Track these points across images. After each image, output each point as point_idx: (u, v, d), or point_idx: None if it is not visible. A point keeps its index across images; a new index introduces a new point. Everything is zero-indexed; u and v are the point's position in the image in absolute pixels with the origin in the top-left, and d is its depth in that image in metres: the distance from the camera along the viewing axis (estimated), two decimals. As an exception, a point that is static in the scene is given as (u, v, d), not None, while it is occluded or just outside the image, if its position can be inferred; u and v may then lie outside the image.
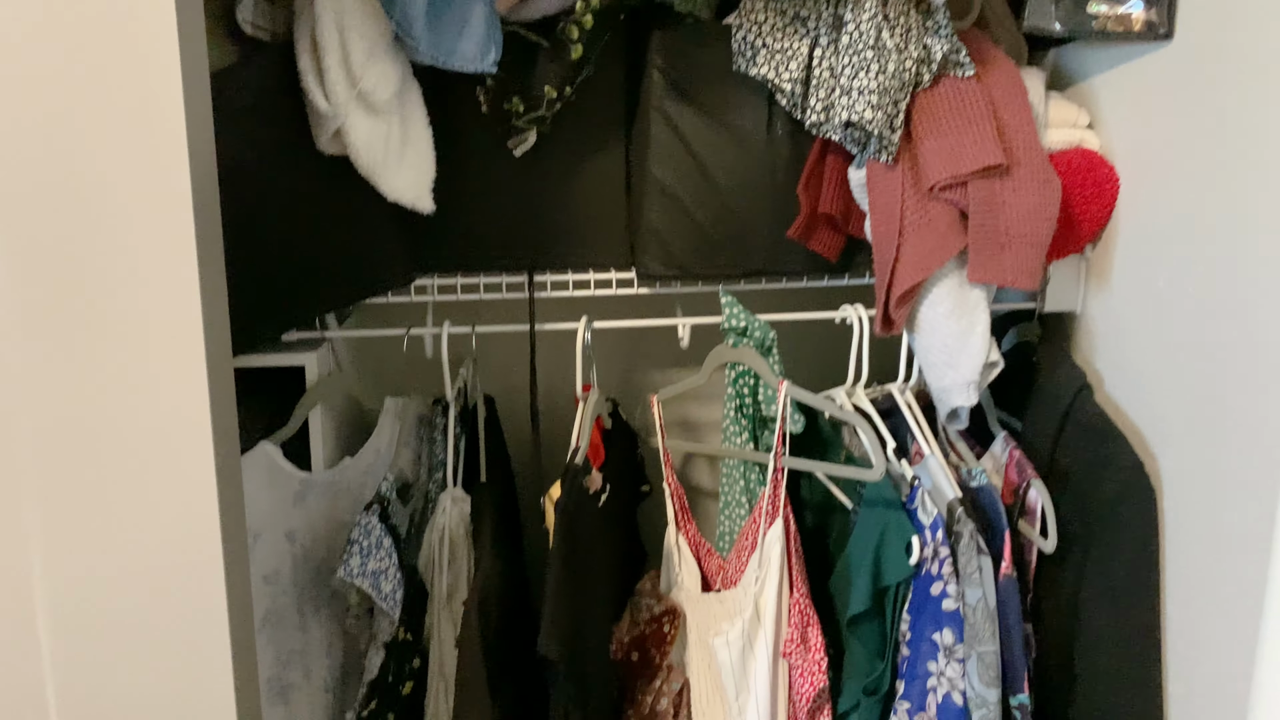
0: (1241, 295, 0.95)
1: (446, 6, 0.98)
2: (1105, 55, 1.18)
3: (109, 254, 0.75)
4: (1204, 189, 1.01)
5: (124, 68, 0.73)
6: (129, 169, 0.74)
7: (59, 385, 0.76)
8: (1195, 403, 1.02)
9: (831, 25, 1.09)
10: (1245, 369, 0.95)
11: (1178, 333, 1.05)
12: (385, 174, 1.03)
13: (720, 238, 1.19)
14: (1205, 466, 1.00)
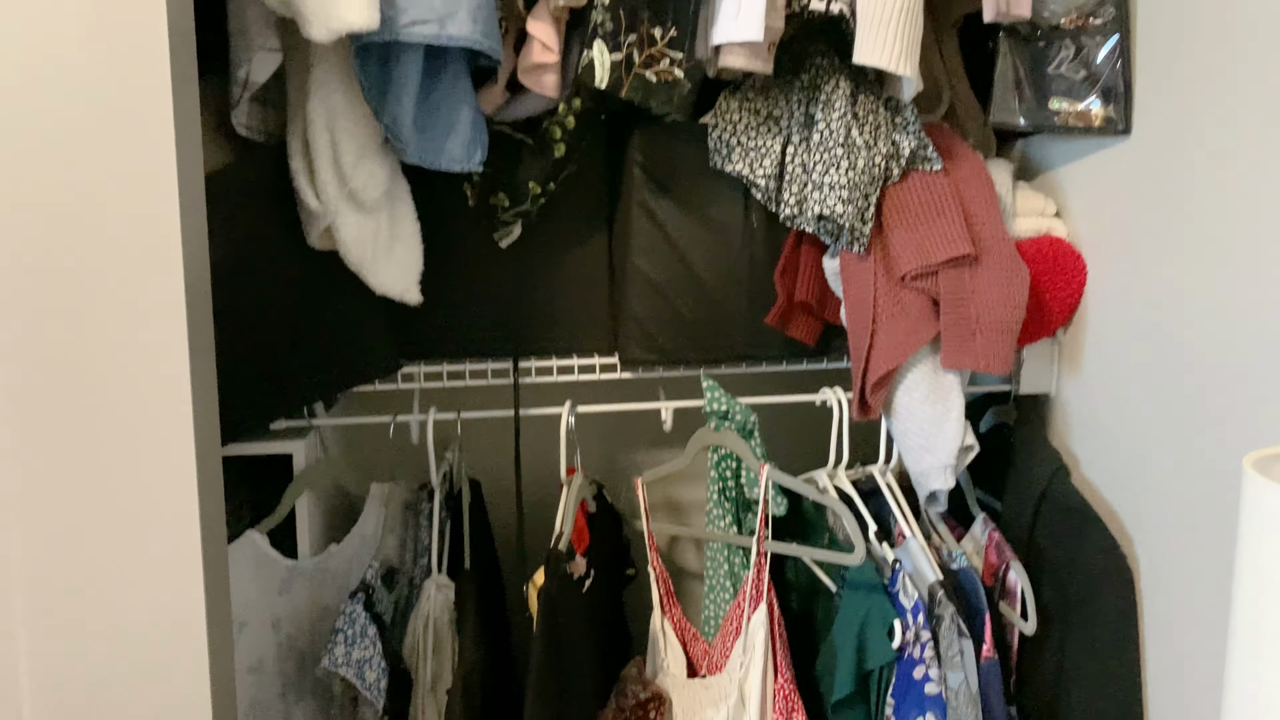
0: (1205, 380, 0.98)
1: (434, 110, 1.02)
2: (1070, 148, 1.23)
3: (102, 346, 0.78)
4: (1165, 275, 1.05)
5: (122, 169, 0.77)
6: (125, 265, 0.78)
7: (50, 472, 0.78)
8: (1167, 484, 1.04)
9: (803, 124, 1.13)
10: (1214, 451, 0.97)
11: (1147, 415, 1.07)
12: (374, 269, 1.07)
13: (701, 324, 1.23)
14: (1180, 547, 1.02)
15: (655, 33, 1.02)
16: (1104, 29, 1.12)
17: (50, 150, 0.76)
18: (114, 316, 0.78)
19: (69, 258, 0.77)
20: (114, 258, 0.78)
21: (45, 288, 0.77)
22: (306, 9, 0.88)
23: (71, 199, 0.76)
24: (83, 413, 0.78)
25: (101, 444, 0.79)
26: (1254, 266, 0.92)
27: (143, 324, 0.78)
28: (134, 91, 0.76)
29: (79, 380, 0.78)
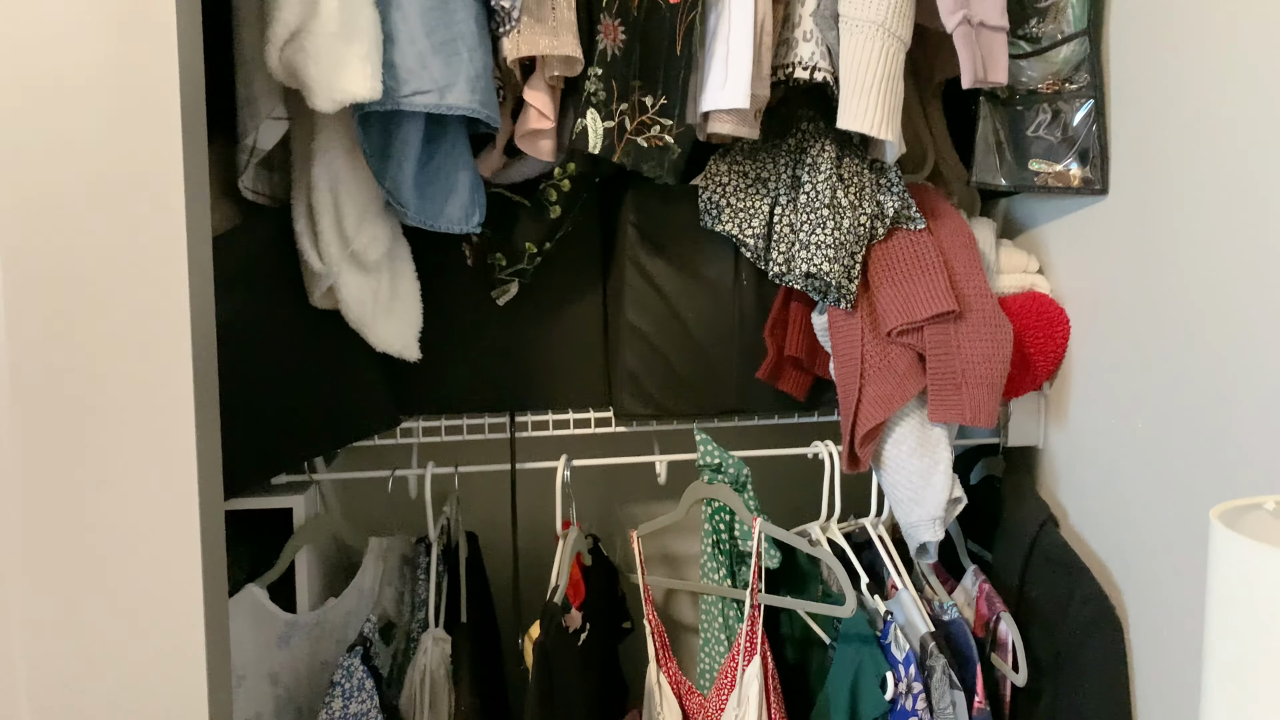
0: (1187, 432, 1.00)
1: (434, 174, 1.06)
2: (1051, 206, 1.27)
3: (109, 401, 0.80)
4: (1145, 330, 1.08)
5: (134, 231, 0.79)
6: (134, 323, 0.80)
7: (56, 524, 0.80)
8: (1154, 535, 1.06)
9: (790, 185, 1.17)
10: (1197, 502, 0.99)
11: (1132, 467, 1.10)
12: (374, 326, 1.09)
13: (693, 378, 1.25)
14: (1169, 598, 1.03)
15: (646, 101, 1.06)
16: (1079, 94, 1.17)
17: (66, 212, 0.78)
18: (121, 372, 0.80)
19: (80, 314, 0.79)
20: (123, 316, 0.80)
21: (56, 342, 0.79)
22: (312, 81, 0.91)
23: (85, 259, 0.79)
24: (89, 467, 0.80)
25: (106, 498, 0.81)
26: (1229, 322, 0.95)
27: (150, 380, 0.81)
28: (147, 157, 0.79)
29: (86, 434, 0.80)
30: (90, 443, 0.80)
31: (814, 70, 1.07)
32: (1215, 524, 0.62)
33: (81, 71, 0.77)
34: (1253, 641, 0.58)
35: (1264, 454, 0.90)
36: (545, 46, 1.02)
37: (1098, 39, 1.15)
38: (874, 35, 1.03)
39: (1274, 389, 0.89)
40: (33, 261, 0.78)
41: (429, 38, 0.97)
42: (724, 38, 1.04)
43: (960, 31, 1.06)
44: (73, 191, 0.78)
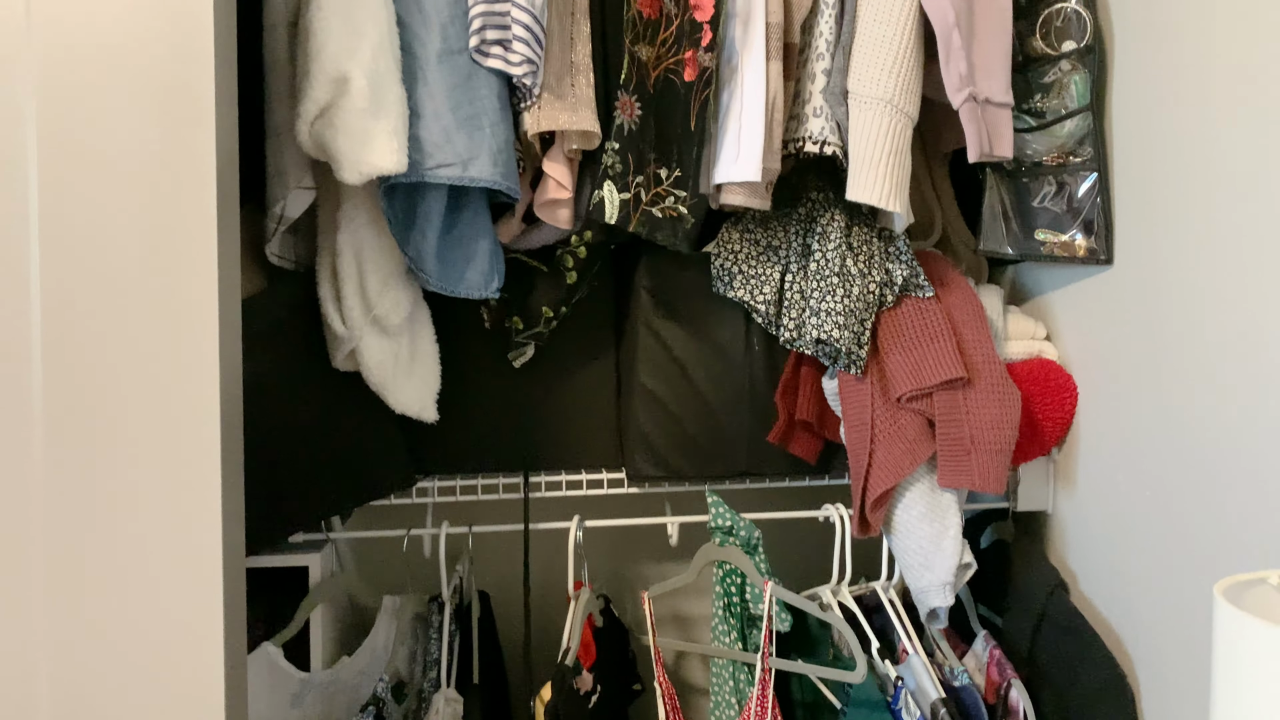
0: (1194, 500, 1.01)
1: (456, 242, 1.10)
2: (1057, 274, 1.29)
3: (139, 460, 0.82)
4: (1151, 398, 1.09)
5: (169, 294, 0.82)
6: (164, 384, 0.83)
7: (79, 580, 0.81)
8: (1163, 603, 1.06)
9: (801, 253, 1.20)
10: (1205, 570, 1.00)
11: (1141, 534, 1.10)
12: (394, 389, 1.12)
13: (705, 441, 1.27)
14: (1179, 667, 1.04)
15: (661, 173, 1.10)
16: (1084, 167, 1.20)
17: (106, 276, 0.81)
18: (152, 430, 0.83)
19: (116, 373, 0.82)
20: (156, 375, 0.83)
21: (90, 397, 0.81)
22: (340, 155, 0.95)
23: (123, 321, 0.82)
24: (117, 521, 0.82)
25: (132, 554, 0.83)
26: (1234, 394, 0.96)
27: (179, 439, 0.83)
28: (183, 227, 0.82)
29: (115, 490, 0.82)
30: (119, 498, 0.82)
31: (824, 144, 1.10)
32: (1219, 599, 0.63)
33: (125, 147, 0.81)
34: (1258, 718, 0.59)
35: (1271, 525, 0.91)
36: (564, 122, 1.05)
37: (1100, 114, 1.18)
38: (882, 112, 1.07)
39: (1276, 464, 0.90)
40: (73, 321, 0.81)
41: (454, 113, 1.01)
42: (737, 114, 1.07)
43: (966, 108, 1.09)
44: (113, 258, 0.81)
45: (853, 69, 1.08)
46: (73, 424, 0.81)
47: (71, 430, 0.81)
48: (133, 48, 0.80)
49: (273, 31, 1.03)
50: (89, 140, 0.80)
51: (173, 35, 0.81)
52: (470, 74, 1.02)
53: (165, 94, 0.81)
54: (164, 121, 0.81)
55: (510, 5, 1.00)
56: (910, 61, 1.08)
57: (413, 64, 1.00)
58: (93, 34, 0.80)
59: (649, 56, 1.07)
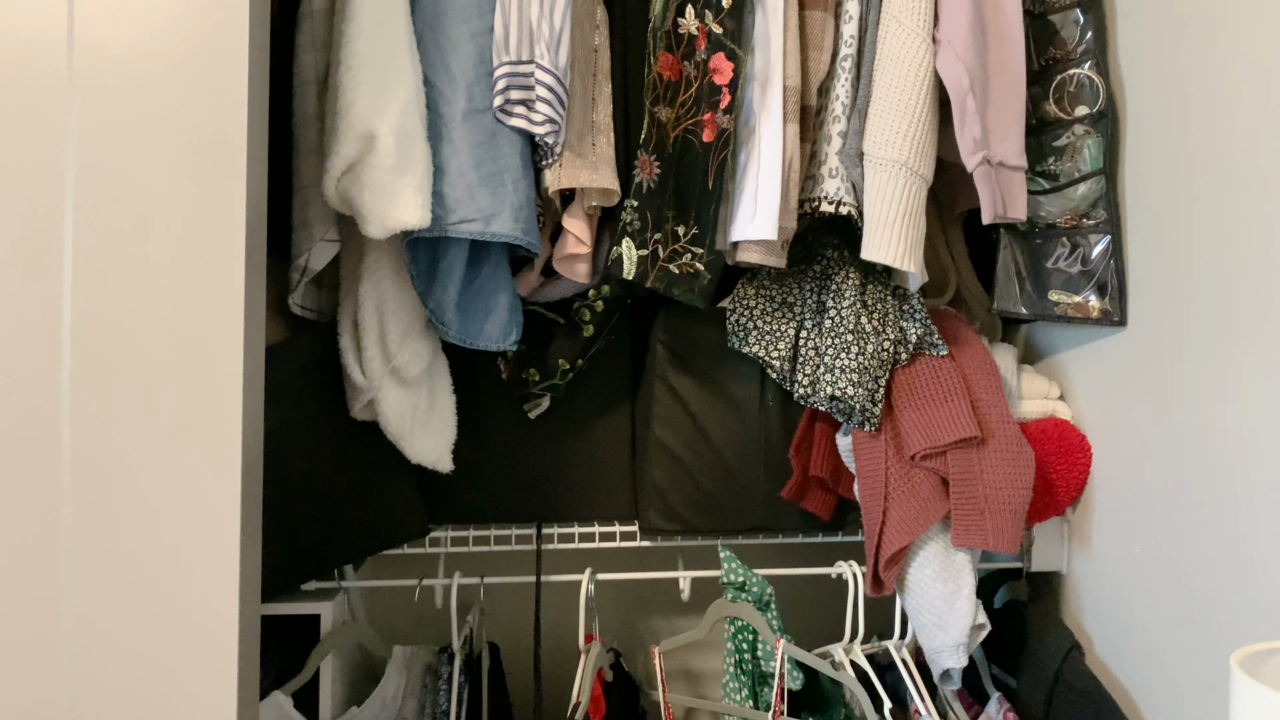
0: (1209, 564, 1.01)
1: (476, 295, 1.11)
2: (1071, 334, 1.30)
3: (160, 508, 0.84)
4: (1165, 461, 1.09)
5: (195, 346, 0.84)
6: (187, 431, 0.84)
7: (98, 622, 0.82)
8: (1179, 667, 1.05)
9: (815, 310, 1.21)
10: (1221, 636, 0.99)
11: (1156, 597, 1.10)
12: (411, 439, 1.13)
13: (719, 496, 1.27)
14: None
15: (679, 230, 1.11)
16: (1097, 229, 1.21)
17: (135, 326, 0.83)
18: (173, 478, 0.84)
19: (138, 419, 0.83)
20: (178, 423, 0.84)
21: (114, 443, 0.83)
22: (366, 210, 0.97)
23: (149, 368, 0.83)
24: (136, 567, 0.83)
25: (150, 599, 0.84)
26: (1248, 457, 0.96)
27: (199, 488, 0.85)
28: (211, 280, 0.84)
29: (137, 535, 0.83)
30: (140, 542, 0.83)
31: (839, 205, 1.12)
32: (1236, 670, 0.62)
33: (158, 197, 0.83)
34: (1277, 792, 0.58)
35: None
36: (585, 180, 1.08)
37: (1113, 178, 1.20)
38: (897, 174, 1.08)
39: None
40: (100, 364, 0.83)
41: (477, 170, 1.03)
42: (754, 174, 1.09)
43: (980, 171, 1.11)
44: (142, 304, 0.83)
45: (868, 132, 1.10)
46: (98, 466, 0.83)
47: (97, 473, 0.83)
48: (170, 103, 0.83)
49: (303, 89, 1.06)
50: (125, 188, 0.83)
51: (209, 92, 0.84)
52: (494, 132, 1.05)
53: (199, 147, 0.84)
54: (197, 174, 0.84)
55: (534, 67, 1.03)
56: (925, 125, 1.10)
57: (438, 122, 1.03)
58: (132, 88, 0.83)
59: (668, 117, 1.10)
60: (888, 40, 1.10)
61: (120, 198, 0.83)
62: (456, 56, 1.04)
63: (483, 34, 1.04)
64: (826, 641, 1.29)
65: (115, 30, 0.82)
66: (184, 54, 0.83)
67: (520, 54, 1.03)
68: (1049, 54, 1.25)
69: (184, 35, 0.82)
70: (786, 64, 1.08)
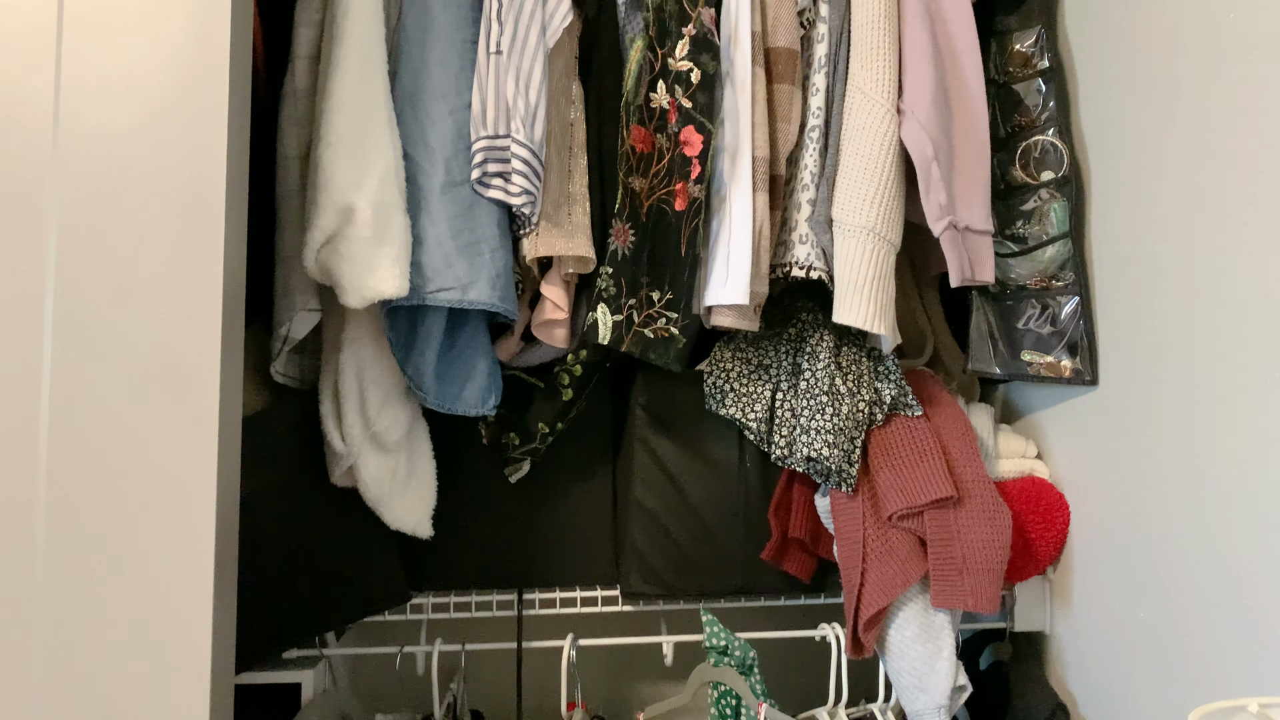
0: (1192, 622, 1.01)
1: (454, 361, 1.13)
2: (1046, 393, 1.31)
3: (130, 571, 0.84)
4: (1143, 518, 1.10)
5: (171, 413, 0.85)
6: (161, 500, 0.85)
7: (68, 689, 0.82)
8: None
9: (791, 372, 1.23)
10: (1205, 695, 0.99)
11: (1140, 655, 1.09)
12: (390, 505, 1.14)
13: (700, 558, 1.27)
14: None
15: (654, 295, 1.14)
16: (1066, 290, 1.23)
17: (112, 394, 0.85)
18: (146, 546, 0.84)
19: (112, 487, 0.84)
20: (152, 491, 0.85)
21: (89, 508, 0.84)
22: (345, 280, 0.99)
23: (124, 436, 0.84)
24: (106, 632, 0.83)
25: (118, 665, 0.83)
26: (1221, 516, 0.97)
27: (171, 555, 0.85)
28: (188, 350, 0.86)
29: (106, 599, 0.83)
30: (108, 608, 0.83)
31: (810, 270, 1.15)
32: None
33: (138, 265, 0.85)
34: None
35: (1266, 649, 0.90)
36: (561, 248, 1.10)
37: (1080, 241, 1.23)
38: (865, 239, 1.11)
39: (1270, 583, 0.90)
40: (77, 431, 0.84)
41: (454, 240, 1.05)
42: (725, 241, 1.12)
43: (947, 236, 1.14)
44: (119, 379, 0.85)
45: (836, 199, 1.13)
46: (71, 528, 0.83)
47: (69, 535, 0.83)
48: (152, 177, 0.86)
49: (286, 164, 1.09)
50: (105, 258, 0.85)
51: (189, 168, 0.86)
52: (472, 203, 1.08)
53: (179, 220, 0.86)
54: (176, 246, 0.86)
55: (510, 141, 1.06)
56: (891, 192, 1.13)
57: (417, 194, 1.06)
58: (114, 162, 0.85)
59: (642, 187, 1.13)
60: (853, 111, 1.13)
61: (100, 267, 0.85)
62: (435, 131, 1.07)
63: (460, 110, 1.08)
64: (811, 705, 1.28)
65: (100, 106, 0.85)
66: (167, 131, 0.85)
67: (497, 129, 1.07)
68: (1014, 121, 1.29)
69: (167, 112, 0.85)
70: (755, 136, 1.11)
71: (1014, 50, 1.28)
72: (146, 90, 0.85)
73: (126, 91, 0.85)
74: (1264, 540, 0.91)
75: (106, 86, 0.85)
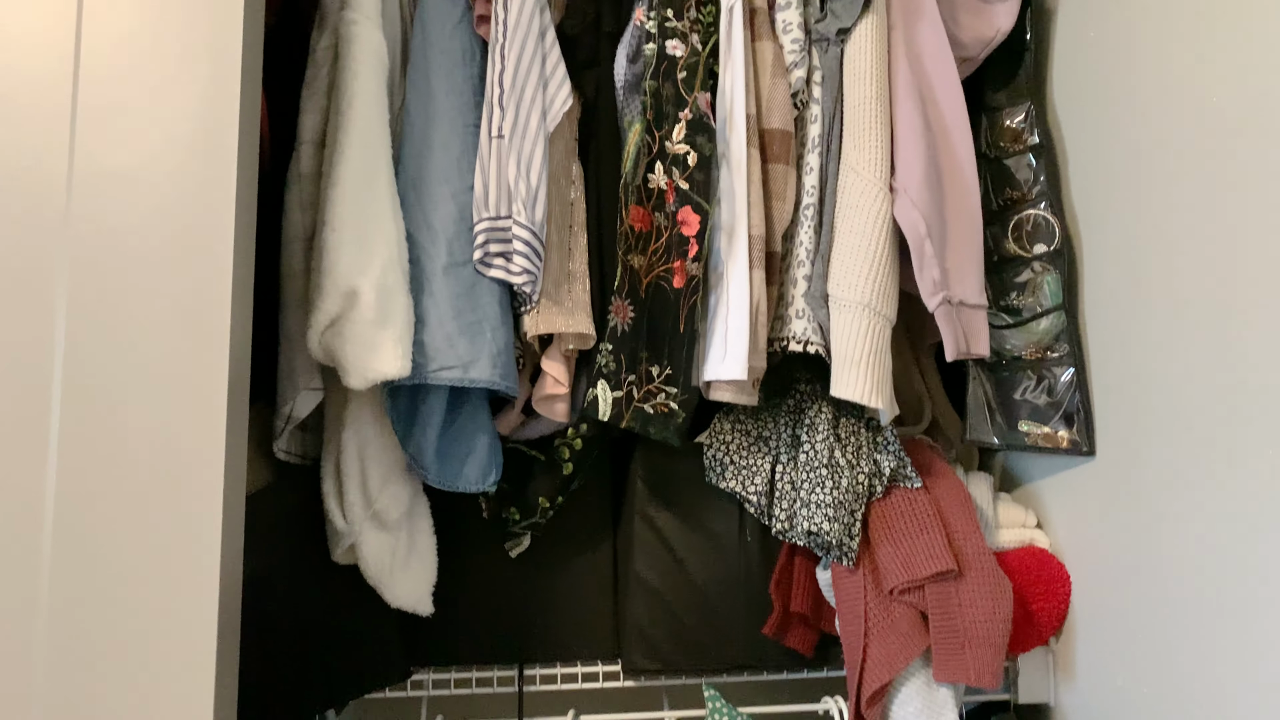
0: (1194, 692, 1.00)
1: (455, 438, 1.14)
2: (1045, 462, 1.32)
3: (133, 652, 0.84)
4: (1144, 589, 1.10)
5: (173, 495, 0.86)
6: (163, 580, 0.85)
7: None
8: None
9: (790, 444, 1.24)
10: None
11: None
12: (391, 583, 1.14)
13: (702, 633, 1.27)
14: None
15: (653, 370, 1.15)
16: (1061, 361, 1.24)
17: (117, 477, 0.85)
18: (147, 625, 0.85)
19: (115, 568, 0.85)
20: (155, 572, 0.85)
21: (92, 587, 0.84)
22: (347, 361, 1.01)
23: (126, 514, 0.85)
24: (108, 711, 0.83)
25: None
26: (1220, 583, 0.97)
27: (175, 634, 0.85)
28: (192, 434, 0.87)
29: (108, 678, 0.83)
30: (110, 687, 0.83)
31: (806, 344, 1.16)
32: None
33: (143, 343, 0.86)
34: None
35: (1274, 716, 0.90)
36: (561, 325, 1.12)
37: (1074, 312, 1.24)
38: (861, 314, 1.13)
39: (1274, 655, 0.90)
40: (82, 507, 0.84)
41: (456, 320, 1.07)
42: (723, 316, 1.14)
43: (941, 310, 1.15)
44: (125, 463, 0.86)
45: (832, 275, 1.15)
46: (75, 606, 0.84)
47: (72, 614, 0.84)
48: (160, 263, 0.87)
49: (291, 245, 1.11)
50: (111, 333, 0.86)
51: (196, 247, 0.88)
52: (474, 283, 1.10)
53: (186, 307, 0.87)
54: (183, 333, 0.87)
55: (512, 222, 1.08)
56: (886, 268, 1.14)
57: (419, 275, 1.08)
58: (124, 248, 0.87)
59: (641, 265, 1.15)
60: (847, 190, 1.16)
61: (107, 354, 0.86)
62: (438, 213, 1.09)
63: (463, 192, 1.10)
64: (816, 781, 1.26)
65: (111, 196, 0.87)
66: (176, 221, 0.87)
67: (499, 210, 1.09)
68: (1006, 195, 1.31)
69: (177, 203, 0.87)
70: (751, 214, 1.13)
71: (1004, 126, 1.31)
72: (157, 182, 0.87)
73: (137, 183, 0.87)
74: (1267, 612, 0.91)
75: (118, 178, 0.87)
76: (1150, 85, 1.11)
